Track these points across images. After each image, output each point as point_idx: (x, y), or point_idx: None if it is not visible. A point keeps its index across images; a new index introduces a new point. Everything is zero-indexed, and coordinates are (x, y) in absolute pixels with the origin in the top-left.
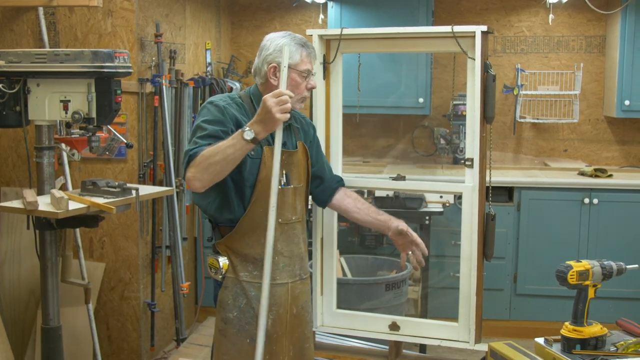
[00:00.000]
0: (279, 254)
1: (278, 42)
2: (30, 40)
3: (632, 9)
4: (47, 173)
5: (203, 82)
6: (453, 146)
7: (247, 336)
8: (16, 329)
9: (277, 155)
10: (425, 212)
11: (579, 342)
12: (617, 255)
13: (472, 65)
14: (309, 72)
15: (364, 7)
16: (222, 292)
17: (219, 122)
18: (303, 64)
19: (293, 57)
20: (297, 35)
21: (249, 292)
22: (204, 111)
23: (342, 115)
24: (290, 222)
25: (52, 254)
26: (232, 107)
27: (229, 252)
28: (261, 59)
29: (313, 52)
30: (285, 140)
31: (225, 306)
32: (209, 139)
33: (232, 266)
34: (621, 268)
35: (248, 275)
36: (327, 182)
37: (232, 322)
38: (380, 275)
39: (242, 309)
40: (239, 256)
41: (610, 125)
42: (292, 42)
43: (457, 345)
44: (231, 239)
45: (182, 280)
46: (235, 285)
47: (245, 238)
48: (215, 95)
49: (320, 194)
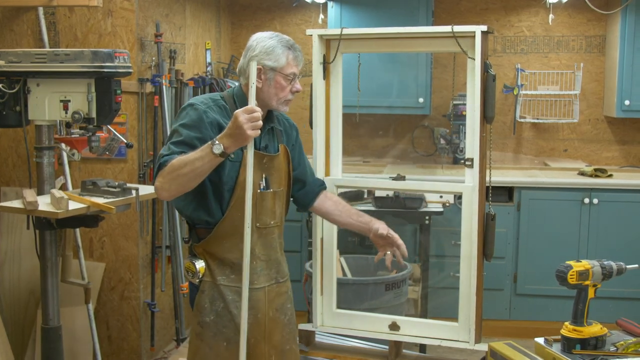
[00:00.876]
0: (256, 259)
1: (265, 43)
2: (30, 40)
3: (632, 9)
4: (47, 173)
5: (203, 82)
6: (453, 146)
7: (223, 340)
8: (16, 329)
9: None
10: (425, 212)
11: (579, 342)
12: (617, 255)
13: (472, 65)
14: (295, 76)
15: (364, 7)
16: (199, 296)
17: (194, 128)
18: (289, 67)
19: (279, 60)
20: (284, 36)
21: (226, 296)
22: (182, 113)
23: (342, 115)
24: (269, 226)
25: (52, 254)
26: (213, 109)
27: (207, 256)
28: (246, 59)
29: (300, 55)
30: (266, 143)
31: (202, 310)
32: (182, 146)
33: (210, 270)
34: (621, 268)
35: (225, 279)
36: (309, 186)
37: (208, 326)
38: (380, 275)
39: (219, 312)
40: (217, 260)
41: (610, 125)
42: (279, 45)
43: (457, 345)
44: (209, 242)
45: (182, 280)
46: (212, 289)
47: (223, 242)
48: (197, 97)
49: (302, 198)
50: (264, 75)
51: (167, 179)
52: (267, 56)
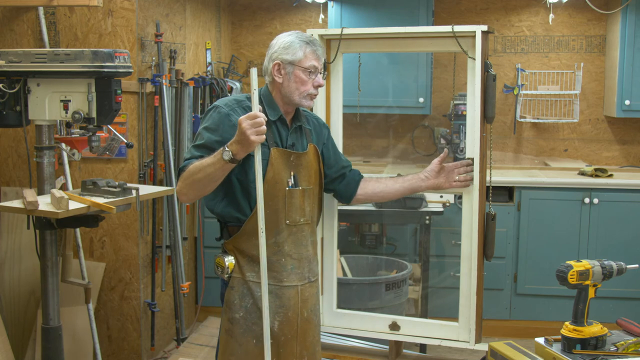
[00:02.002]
0: (287, 256)
1: (283, 39)
2: (30, 40)
3: (632, 9)
4: (47, 173)
5: (203, 82)
6: (453, 146)
7: (253, 336)
8: (16, 329)
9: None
10: (426, 212)
11: (579, 342)
12: (617, 255)
13: (473, 65)
14: (315, 69)
15: (364, 7)
16: (229, 292)
17: (215, 131)
18: (307, 60)
19: (296, 54)
20: (304, 33)
21: (255, 292)
22: (207, 116)
23: (342, 115)
24: (298, 224)
25: (52, 253)
26: (237, 111)
27: (236, 252)
28: (268, 57)
29: (320, 50)
30: (293, 141)
31: (231, 306)
32: (202, 150)
33: (239, 266)
34: (621, 268)
35: (255, 276)
36: (348, 177)
37: (238, 322)
38: (380, 275)
39: (249, 309)
40: (246, 256)
41: (611, 125)
42: (296, 39)
43: (457, 345)
44: (238, 239)
45: (182, 280)
46: (241, 285)
47: (252, 239)
48: (222, 98)
49: (344, 190)
50: (284, 70)
51: (185, 184)
52: (285, 51)
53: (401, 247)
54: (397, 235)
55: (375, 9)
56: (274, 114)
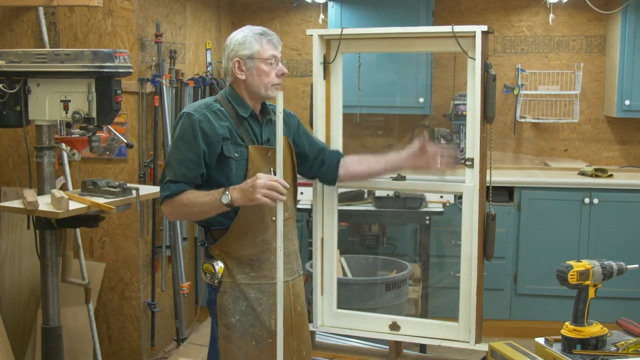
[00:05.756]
0: (274, 252)
1: (237, 36)
2: (30, 40)
3: (632, 9)
4: (48, 173)
5: (203, 82)
6: (453, 146)
7: (252, 339)
8: (16, 329)
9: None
10: (426, 212)
11: (579, 342)
12: (617, 255)
13: (473, 65)
14: (275, 58)
15: (364, 7)
16: (221, 297)
17: (189, 145)
18: (265, 51)
19: (253, 47)
20: (255, 27)
21: (248, 294)
22: (179, 125)
23: (342, 115)
24: (284, 219)
25: (52, 253)
26: (207, 117)
27: (224, 256)
28: (225, 57)
29: (275, 38)
30: (268, 136)
31: (226, 311)
32: (183, 170)
33: (228, 270)
34: (621, 268)
35: (245, 277)
36: (328, 162)
37: (235, 327)
38: (380, 275)
39: (244, 311)
40: (234, 259)
41: (611, 125)
42: (249, 33)
43: (457, 345)
44: (225, 242)
45: (182, 280)
46: (233, 289)
47: (239, 240)
48: (191, 104)
49: (326, 173)
50: (245, 66)
51: (176, 211)
52: (242, 47)
53: (401, 247)
54: (397, 235)
55: (375, 9)
56: (244, 111)
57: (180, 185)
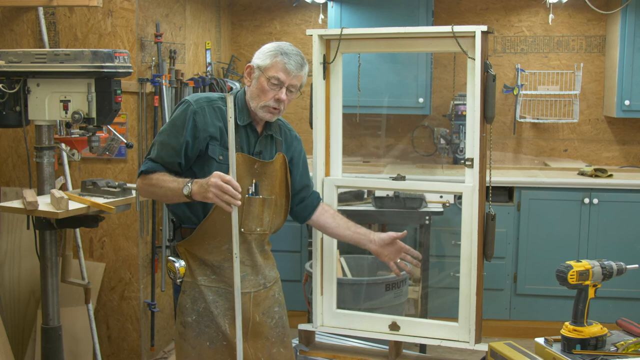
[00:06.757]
0: (240, 264)
1: (270, 44)
2: (30, 40)
3: (632, 9)
4: (47, 173)
5: (203, 82)
6: (453, 146)
7: (206, 339)
8: (16, 329)
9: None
10: (425, 212)
11: (579, 342)
12: (617, 255)
13: (472, 65)
14: (279, 82)
15: (364, 7)
16: (181, 296)
17: (176, 132)
18: (272, 70)
19: (265, 60)
20: (290, 46)
21: (207, 296)
22: (177, 110)
23: (342, 115)
24: (254, 233)
25: (52, 254)
26: (204, 110)
27: (188, 255)
28: None
29: (292, 65)
30: (261, 149)
31: (184, 310)
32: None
33: (190, 270)
34: (621, 268)
35: (206, 280)
36: (309, 200)
37: (191, 326)
38: (380, 275)
39: (201, 312)
40: (197, 260)
41: (610, 125)
42: (276, 48)
43: (457, 345)
44: (191, 242)
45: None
46: (193, 289)
47: (205, 243)
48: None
49: (301, 211)
50: (252, 74)
51: (145, 189)
52: (260, 54)
53: None
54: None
55: (375, 9)
56: (243, 119)
57: (157, 165)
